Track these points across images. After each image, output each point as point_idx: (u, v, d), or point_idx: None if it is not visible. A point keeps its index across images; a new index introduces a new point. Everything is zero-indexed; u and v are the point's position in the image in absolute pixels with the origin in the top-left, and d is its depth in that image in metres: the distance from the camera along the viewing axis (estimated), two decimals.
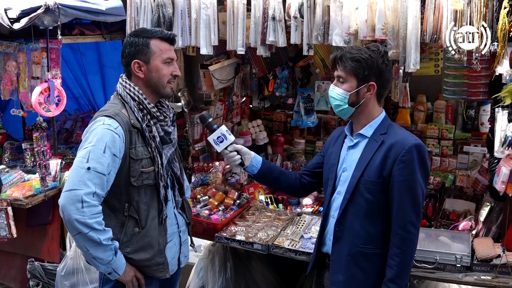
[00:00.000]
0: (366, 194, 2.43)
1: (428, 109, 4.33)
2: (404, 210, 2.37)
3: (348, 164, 2.54)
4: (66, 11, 3.66)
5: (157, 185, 2.56)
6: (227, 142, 2.75)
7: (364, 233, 2.46)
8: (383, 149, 2.42)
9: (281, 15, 3.22)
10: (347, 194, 2.48)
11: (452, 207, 3.61)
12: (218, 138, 2.75)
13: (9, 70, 3.98)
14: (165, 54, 2.56)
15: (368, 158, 2.44)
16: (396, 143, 2.40)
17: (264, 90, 4.42)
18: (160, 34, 2.56)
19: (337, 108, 2.52)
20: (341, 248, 2.51)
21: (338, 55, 2.45)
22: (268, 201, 4.05)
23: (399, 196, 2.38)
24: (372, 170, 2.42)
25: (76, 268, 3.91)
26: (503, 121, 2.70)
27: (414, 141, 2.40)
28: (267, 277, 3.91)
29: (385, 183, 2.41)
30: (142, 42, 2.53)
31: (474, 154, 3.96)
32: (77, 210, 2.29)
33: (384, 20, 2.90)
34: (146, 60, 2.54)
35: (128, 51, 2.55)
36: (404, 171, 2.36)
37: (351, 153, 2.55)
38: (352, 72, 2.42)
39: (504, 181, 2.68)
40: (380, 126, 2.51)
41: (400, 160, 2.37)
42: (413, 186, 2.37)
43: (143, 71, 2.55)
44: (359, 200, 2.45)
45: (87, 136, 2.43)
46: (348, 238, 2.49)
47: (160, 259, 2.61)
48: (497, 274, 2.85)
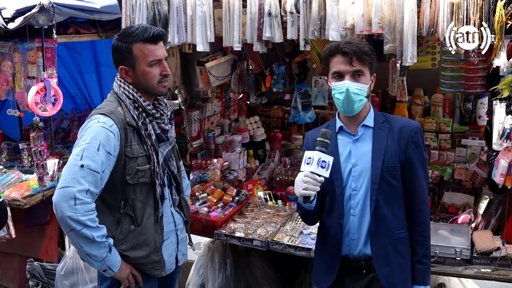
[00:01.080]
0: (392, 180, 2.46)
1: (426, 102, 4.34)
2: (424, 188, 2.51)
3: (359, 158, 2.49)
4: (61, 10, 3.64)
5: (153, 183, 2.56)
6: (324, 172, 2.32)
7: (396, 218, 2.49)
8: (394, 135, 2.48)
9: (277, 10, 3.21)
10: (374, 185, 2.45)
11: (451, 201, 3.61)
12: (323, 162, 2.32)
13: (5, 70, 3.95)
14: (149, 57, 2.49)
15: (383, 145, 2.47)
16: (403, 126, 2.51)
17: (261, 86, 4.42)
18: (142, 37, 2.46)
19: (358, 104, 2.43)
20: (381, 240, 2.48)
21: (355, 49, 2.38)
22: (267, 197, 4.04)
23: (418, 175, 2.48)
24: (391, 156, 2.46)
25: (75, 268, 3.91)
26: (501, 113, 2.69)
27: (415, 123, 2.56)
28: (267, 273, 3.91)
29: (403, 166, 2.48)
30: (125, 47, 2.48)
31: (472, 147, 3.97)
32: (70, 207, 2.29)
33: (380, 14, 2.89)
34: (131, 65, 2.51)
35: (114, 57, 2.54)
36: (417, 151, 2.48)
37: (358, 146, 2.51)
38: (368, 65, 2.45)
39: (503, 174, 2.68)
40: (376, 116, 2.54)
41: (411, 141, 2.47)
42: (425, 164, 2.53)
43: (130, 76, 2.53)
44: (386, 188, 2.46)
45: (82, 134, 2.43)
46: (385, 228, 2.47)
47: (156, 257, 2.60)
48: (497, 267, 2.86)
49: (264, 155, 4.61)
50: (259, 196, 4.04)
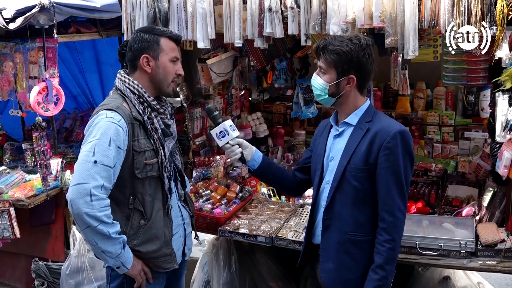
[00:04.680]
0: (353, 182, 2.44)
1: (428, 96, 4.33)
2: (391, 196, 2.38)
3: (335, 153, 2.55)
4: (61, 10, 3.65)
5: (161, 177, 2.58)
6: (229, 137, 2.73)
7: (353, 220, 2.47)
8: (368, 137, 2.43)
9: (277, 6, 3.20)
10: (334, 183, 2.49)
11: (454, 194, 3.60)
12: (221, 133, 2.73)
13: (6, 70, 3.96)
14: (172, 52, 2.62)
15: (354, 146, 2.46)
16: (381, 130, 2.42)
17: (263, 82, 4.41)
18: (169, 33, 2.64)
19: (318, 98, 2.56)
20: (330, 236, 2.52)
21: (321, 45, 2.45)
22: (270, 193, 4.04)
23: (385, 182, 2.39)
24: (358, 157, 2.43)
25: (80, 267, 3.92)
26: (503, 105, 2.68)
27: (399, 128, 2.42)
28: (272, 269, 3.91)
29: (371, 170, 2.42)
30: (153, 38, 2.58)
31: (476, 140, 3.96)
32: (86, 204, 2.30)
33: (381, 8, 2.88)
34: (155, 56, 2.58)
35: (137, 46, 2.58)
36: (390, 157, 2.38)
37: (337, 142, 2.56)
38: (332, 64, 2.43)
39: (507, 166, 2.67)
40: (365, 114, 2.51)
41: (385, 147, 2.38)
42: (399, 172, 2.38)
43: (151, 66, 2.59)
44: (347, 188, 2.46)
45: (90, 130, 2.44)
46: (337, 226, 2.50)
47: (167, 250, 2.63)
48: (502, 259, 2.85)
49: (267, 151, 4.60)
50: (262, 192, 4.04)
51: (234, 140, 2.74)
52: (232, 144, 2.74)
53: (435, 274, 3.66)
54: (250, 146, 2.81)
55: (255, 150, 2.81)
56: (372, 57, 2.48)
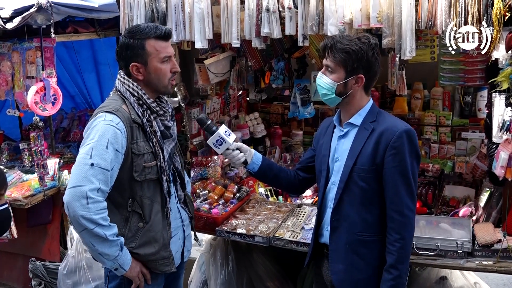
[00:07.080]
0: (360, 182, 2.44)
1: (425, 96, 4.34)
2: (399, 195, 2.38)
3: (340, 154, 2.54)
4: (59, 9, 3.65)
5: (160, 179, 2.57)
6: (226, 144, 2.70)
7: (361, 221, 2.47)
8: (374, 137, 2.43)
9: (275, 6, 3.20)
10: (341, 184, 2.48)
11: (451, 194, 3.61)
12: (217, 141, 2.70)
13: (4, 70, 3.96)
14: (162, 53, 2.52)
15: (360, 146, 2.45)
16: (386, 129, 2.41)
17: (260, 83, 4.41)
18: (154, 33, 2.50)
19: (324, 97, 2.53)
20: (339, 237, 2.52)
21: (329, 44, 2.43)
22: (268, 193, 4.05)
23: (393, 182, 2.39)
24: (364, 158, 2.43)
25: (78, 267, 3.92)
26: (500, 106, 2.69)
27: (404, 127, 2.41)
28: (269, 269, 3.91)
29: (378, 170, 2.42)
30: (137, 44, 2.49)
31: (473, 140, 3.97)
32: (82, 206, 2.30)
33: (378, 8, 2.89)
34: (143, 62, 2.52)
35: (124, 54, 2.52)
36: (396, 157, 2.37)
37: (342, 143, 2.56)
38: (341, 63, 2.41)
39: (503, 166, 2.68)
40: (368, 114, 2.51)
41: (391, 147, 2.38)
42: (406, 171, 2.38)
43: (142, 72, 2.54)
44: (354, 189, 2.46)
45: (88, 133, 2.43)
46: (345, 226, 2.50)
47: (165, 253, 2.62)
48: (499, 259, 2.86)
49: (265, 151, 4.61)
50: (260, 192, 4.05)
51: (233, 145, 2.72)
52: (232, 149, 2.72)
53: (432, 274, 3.66)
54: (249, 149, 2.79)
55: (255, 152, 2.81)
56: (380, 57, 2.48)
